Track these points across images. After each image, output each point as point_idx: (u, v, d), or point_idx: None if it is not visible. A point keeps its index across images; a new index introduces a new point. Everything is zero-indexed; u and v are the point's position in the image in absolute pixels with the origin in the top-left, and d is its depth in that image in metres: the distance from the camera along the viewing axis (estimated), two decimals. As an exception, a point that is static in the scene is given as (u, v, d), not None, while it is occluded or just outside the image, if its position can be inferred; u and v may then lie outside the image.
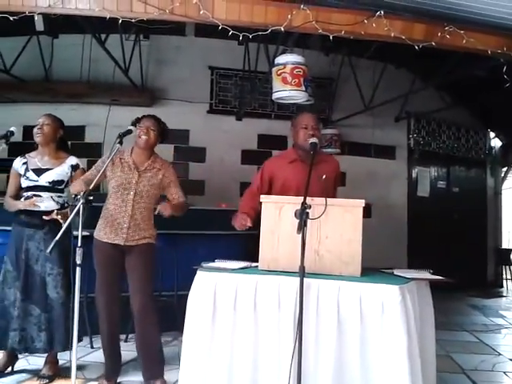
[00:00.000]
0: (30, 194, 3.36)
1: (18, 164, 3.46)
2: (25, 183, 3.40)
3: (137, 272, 3.22)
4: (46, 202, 3.34)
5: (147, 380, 3.27)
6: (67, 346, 3.23)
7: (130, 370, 3.61)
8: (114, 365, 3.33)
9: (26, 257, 3.31)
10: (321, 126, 3.24)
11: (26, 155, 3.50)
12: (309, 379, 2.21)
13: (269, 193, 3.14)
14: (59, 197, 3.41)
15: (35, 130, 3.41)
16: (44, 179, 3.36)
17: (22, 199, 3.37)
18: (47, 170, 3.39)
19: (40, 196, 3.33)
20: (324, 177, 2.85)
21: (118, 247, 3.22)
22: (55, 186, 3.38)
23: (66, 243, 3.27)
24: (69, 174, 3.45)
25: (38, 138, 3.42)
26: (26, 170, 3.40)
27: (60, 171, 3.42)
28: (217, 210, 5.45)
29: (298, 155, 3.17)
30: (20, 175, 3.43)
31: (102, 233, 3.24)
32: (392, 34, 3.59)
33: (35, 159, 3.45)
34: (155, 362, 3.28)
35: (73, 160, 3.50)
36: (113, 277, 3.25)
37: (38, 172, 3.38)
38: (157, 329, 3.29)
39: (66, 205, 3.43)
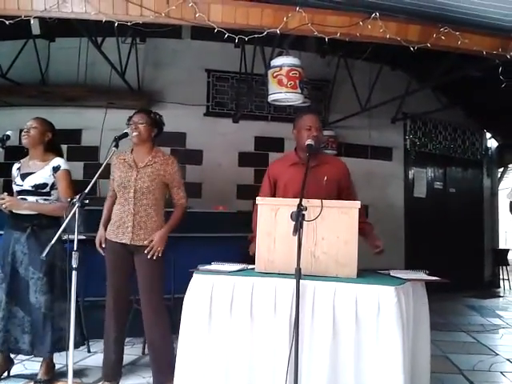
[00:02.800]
0: (19, 198, 3.35)
1: (14, 170, 3.47)
2: (14, 188, 3.39)
3: (145, 272, 3.21)
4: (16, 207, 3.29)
5: (155, 383, 3.23)
6: (43, 352, 3.26)
7: (127, 374, 3.61)
8: (117, 366, 3.30)
9: (12, 259, 3.28)
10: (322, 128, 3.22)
11: (21, 160, 3.49)
12: (304, 380, 2.21)
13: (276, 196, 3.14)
14: (45, 200, 3.34)
15: (22, 133, 3.39)
16: (27, 183, 3.32)
17: None
18: (31, 173, 3.36)
19: (25, 199, 3.30)
20: (326, 179, 2.87)
21: (126, 247, 3.22)
22: (38, 190, 3.32)
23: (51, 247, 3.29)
24: (51, 176, 3.37)
25: (24, 141, 3.39)
26: (18, 174, 3.40)
27: (43, 174, 3.35)
28: (214, 213, 5.46)
29: (299, 158, 3.15)
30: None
31: (111, 232, 3.26)
32: (387, 36, 3.60)
33: (26, 164, 3.43)
34: (164, 365, 3.18)
35: (55, 161, 3.40)
36: (122, 277, 3.25)
37: (24, 176, 3.35)
38: (167, 330, 3.26)
39: None
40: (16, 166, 3.48)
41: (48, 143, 3.48)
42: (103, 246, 3.26)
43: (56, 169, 3.39)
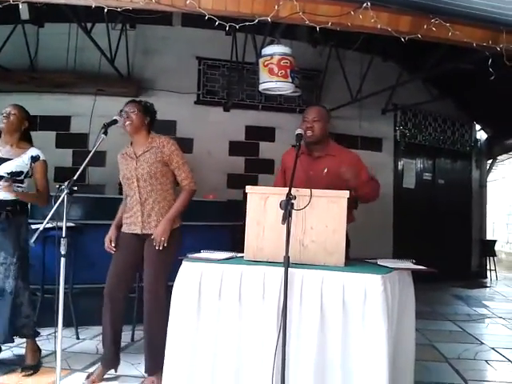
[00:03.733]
0: None
1: None
2: None
3: (150, 259, 3.19)
4: (5, 192, 3.26)
5: (147, 371, 3.23)
6: (7, 338, 3.24)
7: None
8: (113, 353, 3.28)
9: None
10: (326, 118, 3.17)
11: None
12: (291, 366, 2.24)
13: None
14: (18, 187, 3.33)
15: (0, 117, 3.36)
16: (3, 169, 3.29)
17: None
18: (7, 160, 3.33)
19: None
20: (326, 171, 2.88)
21: (138, 237, 3.23)
22: (13, 177, 3.30)
23: (22, 233, 3.30)
24: (28, 165, 3.37)
25: (1, 125, 3.36)
26: None
27: (20, 162, 3.34)
28: (204, 202, 5.45)
29: (304, 148, 3.15)
30: None
31: (125, 226, 3.28)
32: (378, 26, 3.59)
33: None
34: (157, 353, 3.08)
35: (33, 151, 3.42)
36: (124, 265, 3.24)
37: None
38: (164, 319, 3.22)
39: None
40: None
41: (24, 131, 3.47)
42: (113, 244, 3.26)
43: (35, 158, 3.41)
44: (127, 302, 3.33)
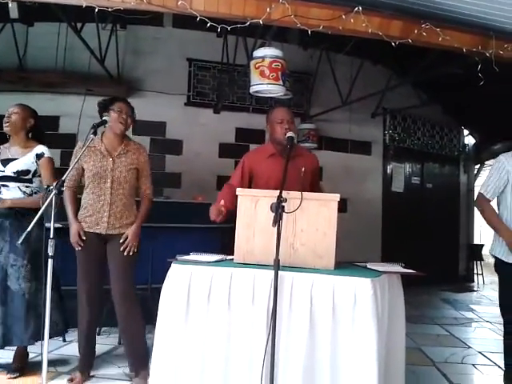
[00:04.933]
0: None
1: None
2: None
3: (117, 260, 3.19)
4: (13, 192, 3.27)
5: (132, 371, 3.24)
6: (25, 340, 3.21)
7: (103, 364, 3.59)
8: (88, 357, 3.29)
9: None
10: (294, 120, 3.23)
11: (1, 146, 3.43)
12: (280, 369, 2.23)
13: (249, 187, 3.13)
14: (27, 187, 3.33)
15: (4, 119, 3.34)
16: (10, 169, 3.28)
17: None
18: (13, 159, 3.32)
19: (7, 186, 3.27)
20: (303, 170, 2.87)
21: (100, 236, 3.19)
22: (21, 176, 3.30)
23: (34, 235, 3.22)
24: (34, 163, 3.35)
25: (6, 128, 3.35)
26: None
27: (26, 161, 3.33)
28: (193, 203, 5.44)
29: (275, 149, 3.17)
30: None
31: (83, 223, 3.19)
32: (369, 30, 3.60)
33: (7, 149, 3.39)
34: (139, 353, 3.23)
35: (39, 149, 3.39)
36: (94, 265, 3.21)
37: (5, 162, 3.31)
38: (139, 318, 3.25)
39: (34, 194, 3.36)
40: None
41: (30, 129, 3.44)
42: (83, 238, 3.16)
43: (39, 156, 3.38)
44: (112, 304, 3.31)
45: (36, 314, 3.18)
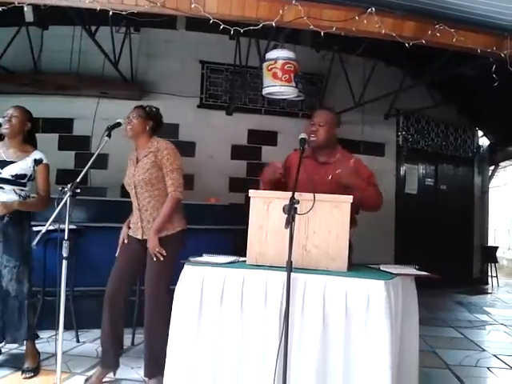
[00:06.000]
0: None
1: None
2: None
3: (149, 265, 3.19)
4: (8, 195, 3.29)
5: (146, 375, 3.20)
6: (18, 340, 3.29)
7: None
8: (111, 355, 3.25)
9: None
10: (333, 123, 3.21)
11: None
12: (293, 372, 2.22)
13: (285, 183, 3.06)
14: (21, 190, 3.35)
15: (2, 121, 3.35)
16: (7, 172, 3.29)
17: None
18: (11, 162, 3.33)
19: (2, 188, 3.28)
20: (330, 177, 2.86)
21: (140, 242, 3.24)
22: (17, 180, 3.31)
23: (26, 237, 3.30)
24: (32, 168, 3.38)
25: (5, 130, 3.36)
26: None
27: (23, 165, 3.35)
28: (206, 205, 5.45)
29: (310, 152, 3.11)
30: None
31: (130, 229, 3.32)
32: (383, 31, 3.60)
33: (0, 151, 3.38)
34: (157, 359, 3.06)
35: (37, 154, 3.43)
36: (125, 268, 3.24)
37: (2, 164, 3.32)
38: (164, 325, 3.16)
39: (27, 198, 3.39)
40: None
41: (27, 133, 3.47)
42: (125, 241, 3.29)
43: (38, 162, 3.42)
44: (128, 305, 3.32)
45: (28, 314, 3.28)
